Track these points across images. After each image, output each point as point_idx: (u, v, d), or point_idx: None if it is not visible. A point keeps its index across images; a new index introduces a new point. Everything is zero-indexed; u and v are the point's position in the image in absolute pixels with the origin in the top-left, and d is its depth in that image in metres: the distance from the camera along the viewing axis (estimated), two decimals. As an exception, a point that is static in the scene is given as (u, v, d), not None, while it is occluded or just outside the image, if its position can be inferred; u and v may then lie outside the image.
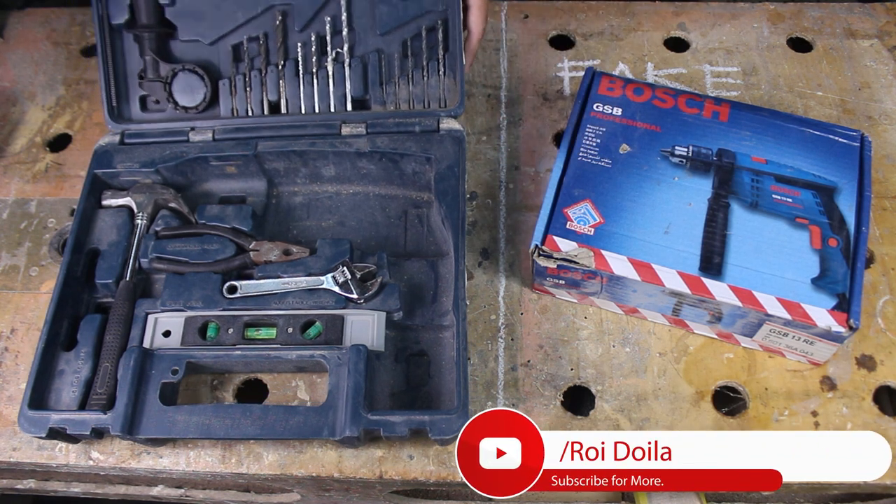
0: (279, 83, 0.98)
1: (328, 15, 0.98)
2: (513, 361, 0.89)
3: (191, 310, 0.86)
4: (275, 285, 0.87)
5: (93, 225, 0.93)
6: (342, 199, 0.99)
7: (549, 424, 0.85)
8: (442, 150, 0.93)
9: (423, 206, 0.98)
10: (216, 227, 0.92)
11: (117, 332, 0.85)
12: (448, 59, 0.97)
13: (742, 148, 0.90)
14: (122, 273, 0.89)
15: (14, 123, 1.12)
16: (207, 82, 0.98)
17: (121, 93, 1.00)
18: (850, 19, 1.15)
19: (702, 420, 0.84)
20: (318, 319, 0.85)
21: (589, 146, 0.91)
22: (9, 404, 0.89)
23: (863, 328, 0.88)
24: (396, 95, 0.98)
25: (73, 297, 0.89)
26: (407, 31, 0.98)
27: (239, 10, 0.98)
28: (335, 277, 0.86)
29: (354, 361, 0.80)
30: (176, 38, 0.99)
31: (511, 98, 1.10)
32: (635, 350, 0.89)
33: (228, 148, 0.95)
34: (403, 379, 0.86)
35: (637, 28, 1.15)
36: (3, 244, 1.00)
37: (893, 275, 0.92)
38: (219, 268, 0.89)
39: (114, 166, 0.95)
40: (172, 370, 0.82)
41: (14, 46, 1.20)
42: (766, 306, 0.80)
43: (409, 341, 0.88)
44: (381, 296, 0.86)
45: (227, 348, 0.84)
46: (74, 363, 0.85)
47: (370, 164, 0.96)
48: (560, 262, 0.84)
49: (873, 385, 0.85)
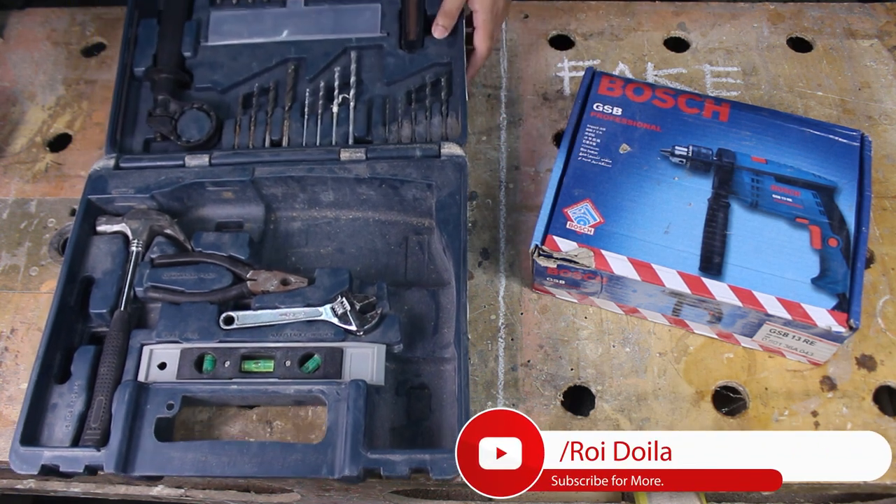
0: (283, 123, 0.98)
1: (338, 66, 1.01)
2: (513, 361, 0.89)
3: (187, 341, 0.84)
4: (272, 316, 0.85)
5: (87, 252, 0.91)
6: (341, 224, 0.97)
7: (549, 424, 0.85)
8: (443, 176, 0.91)
9: (423, 232, 0.96)
10: (213, 256, 0.90)
11: (112, 365, 0.83)
12: (451, 102, 0.98)
13: (742, 148, 0.90)
14: (116, 302, 0.87)
15: (14, 123, 1.12)
16: (214, 120, 0.97)
17: (126, 129, 1.00)
18: (850, 19, 1.15)
19: (702, 420, 0.84)
20: (317, 352, 0.83)
21: (589, 146, 0.91)
22: (9, 404, 0.89)
23: (863, 328, 0.88)
24: (399, 133, 0.97)
25: (66, 327, 0.87)
26: (412, 82, 1.00)
27: (254, 61, 1.02)
28: (334, 309, 0.84)
29: (354, 398, 0.78)
30: (190, 86, 1.02)
31: (511, 98, 1.10)
32: (635, 350, 0.89)
33: (225, 173, 0.93)
34: (404, 413, 0.84)
35: (637, 28, 1.15)
36: (3, 244, 1.00)
37: (893, 275, 0.92)
38: (215, 297, 0.87)
39: (108, 192, 0.93)
40: (168, 405, 0.80)
41: (14, 46, 1.20)
42: (766, 306, 0.80)
43: (410, 374, 0.86)
44: (381, 328, 0.84)
45: (224, 382, 0.82)
46: (68, 396, 0.83)
47: (370, 190, 0.94)
48: (560, 262, 0.84)
49: (873, 385, 0.85)
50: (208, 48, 1.04)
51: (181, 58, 1.03)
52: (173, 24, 1.04)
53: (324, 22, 1.04)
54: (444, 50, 1.01)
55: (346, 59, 1.02)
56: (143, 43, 1.03)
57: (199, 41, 1.04)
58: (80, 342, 0.88)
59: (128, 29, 1.04)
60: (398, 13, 1.03)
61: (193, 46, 1.03)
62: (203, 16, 1.06)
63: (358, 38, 1.03)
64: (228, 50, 1.03)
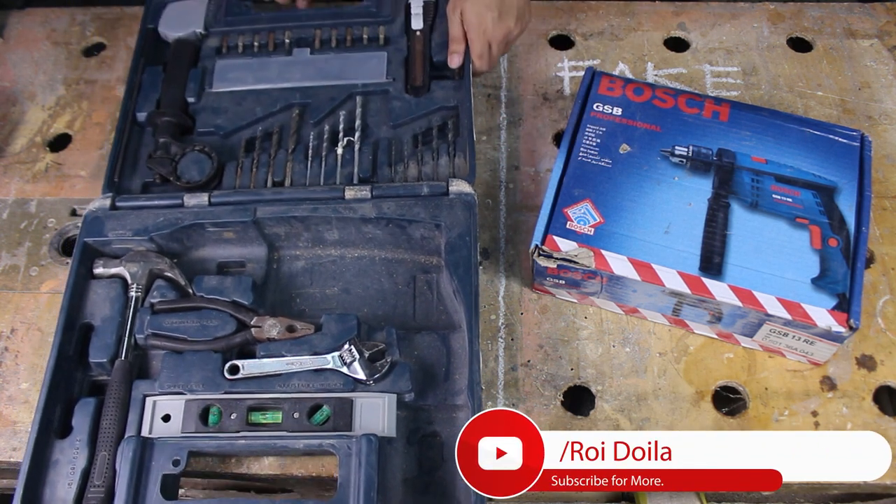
0: (287, 165, 0.97)
1: (343, 110, 1.00)
2: (513, 361, 0.89)
3: (191, 392, 0.81)
4: (279, 365, 0.82)
5: (84, 298, 0.88)
6: (347, 263, 0.94)
7: (549, 424, 0.85)
8: (452, 216, 0.88)
9: (432, 270, 0.92)
10: (215, 301, 0.87)
11: (114, 418, 0.80)
12: (459, 143, 0.96)
13: (742, 148, 0.90)
14: (117, 351, 0.84)
15: (14, 123, 1.12)
16: (215, 161, 0.96)
17: (125, 172, 0.98)
18: (850, 19, 1.15)
19: (702, 420, 0.84)
20: (326, 403, 0.80)
21: (589, 146, 0.91)
22: (9, 404, 0.89)
23: (863, 328, 0.88)
24: (405, 173, 0.96)
25: (65, 378, 0.83)
26: (418, 125, 0.99)
27: (258, 106, 1.01)
28: (342, 357, 0.81)
29: (366, 453, 0.75)
30: (193, 130, 1.01)
31: (511, 98, 1.10)
32: (635, 350, 0.89)
33: (225, 214, 0.90)
34: (416, 462, 0.81)
35: (637, 28, 1.15)
36: (3, 244, 1.00)
37: (893, 275, 0.92)
38: (219, 346, 0.84)
39: (105, 234, 0.90)
40: (174, 461, 0.77)
41: (14, 46, 1.20)
42: (766, 306, 0.80)
43: (421, 422, 0.83)
44: (392, 376, 0.81)
45: (231, 436, 0.79)
46: (69, 452, 0.79)
47: (376, 229, 0.91)
48: (560, 261, 0.84)
49: (873, 385, 0.85)
50: (212, 94, 1.03)
51: (185, 103, 1.02)
52: (178, 72, 1.04)
53: (329, 70, 1.04)
54: (451, 93, 1.00)
55: (352, 104, 1.01)
56: (147, 89, 1.03)
57: (203, 87, 1.03)
58: (81, 393, 0.85)
59: (133, 75, 1.04)
60: (404, 60, 1.03)
61: (198, 93, 1.02)
62: (209, 64, 1.06)
63: (364, 84, 1.02)
64: (233, 96, 1.03)
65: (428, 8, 1.06)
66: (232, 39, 1.07)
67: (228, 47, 1.07)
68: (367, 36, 1.06)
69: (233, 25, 1.08)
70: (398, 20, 1.07)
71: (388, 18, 1.07)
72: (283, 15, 1.10)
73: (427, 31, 1.05)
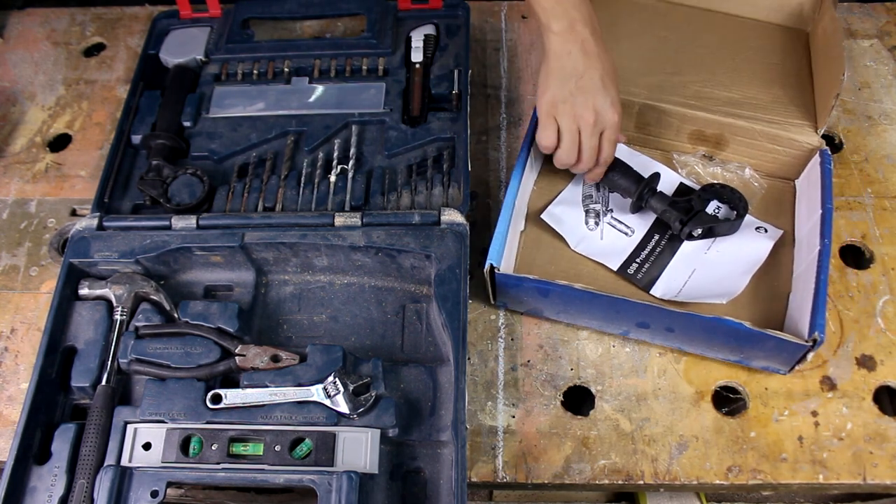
0: (278, 191, 0.96)
1: (339, 139, 1.00)
2: (513, 361, 0.89)
3: (172, 421, 0.80)
4: (262, 396, 0.81)
5: (69, 319, 0.87)
6: (335, 290, 0.92)
7: (549, 424, 0.85)
8: (443, 247, 0.86)
9: (422, 300, 0.91)
10: (200, 327, 0.85)
11: (94, 445, 0.79)
12: (453, 173, 0.96)
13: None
14: (99, 375, 0.83)
15: (14, 123, 1.12)
16: (206, 185, 0.95)
17: (116, 193, 0.98)
18: (850, 19, 1.15)
19: (702, 420, 0.84)
20: (308, 436, 0.78)
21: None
22: (9, 404, 0.89)
23: (863, 328, 0.88)
24: (398, 202, 0.95)
25: (46, 402, 0.82)
26: (413, 155, 0.99)
27: (254, 132, 1.02)
28: (326, 390, 0.80)
29: (346, 491, 0.74)
30: (187, 154, 1.01)
31: (511, 98, 1.10)
32: (635, 350, 0.89)
33: (213, 238, 0.89)
34: (399, 499, 0.79)
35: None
36: (3, 244, 1.01)
37: (893, 275, 0.92)
38: (202, 373, 0.82)
39: (91, 255, 0.89)
40: (152, 492, 0.75)
41: (14, 46, 1.21)
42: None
43: (405, 457, 0.81)
44: (376, 411, 0.79)
45: (212, 467, 0.78)
46: (47, 479, 0.78)
47: (365, 257, 0.90)
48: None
49: (873, 385, 0.85)
50: (209, 119, 1.03)
51: (180, 127, 1.03)
52: (176, 96, 1.04)
53: (327, 98, 1.04)
54: (448, 125, 0.99)
55: (347, 133, 1.01)
56: (144, 112, 1.03)
57: (200, 112, 1.04)
58: (61, 417, 0.84)
59: (130, 98, 1.04)
60: (402, 91, 1.04)
61: (194, 117, 1.03)
62: (207, 90, 1.06)
63: (361, 113, 1.02)
64: (229, 121, 1.03)
65: (428, 41, 1.07)
66: (232, 67, 1.08)
67: (228, 74, 1.08)
68: (366, 67, 1.07)
69: (233, 53, 1.09)
70: (398, 52, 1.07)
71: (388, 51, 1.07)
72: (284, 44, 1.11)
73: (426, 64, 1.06)
